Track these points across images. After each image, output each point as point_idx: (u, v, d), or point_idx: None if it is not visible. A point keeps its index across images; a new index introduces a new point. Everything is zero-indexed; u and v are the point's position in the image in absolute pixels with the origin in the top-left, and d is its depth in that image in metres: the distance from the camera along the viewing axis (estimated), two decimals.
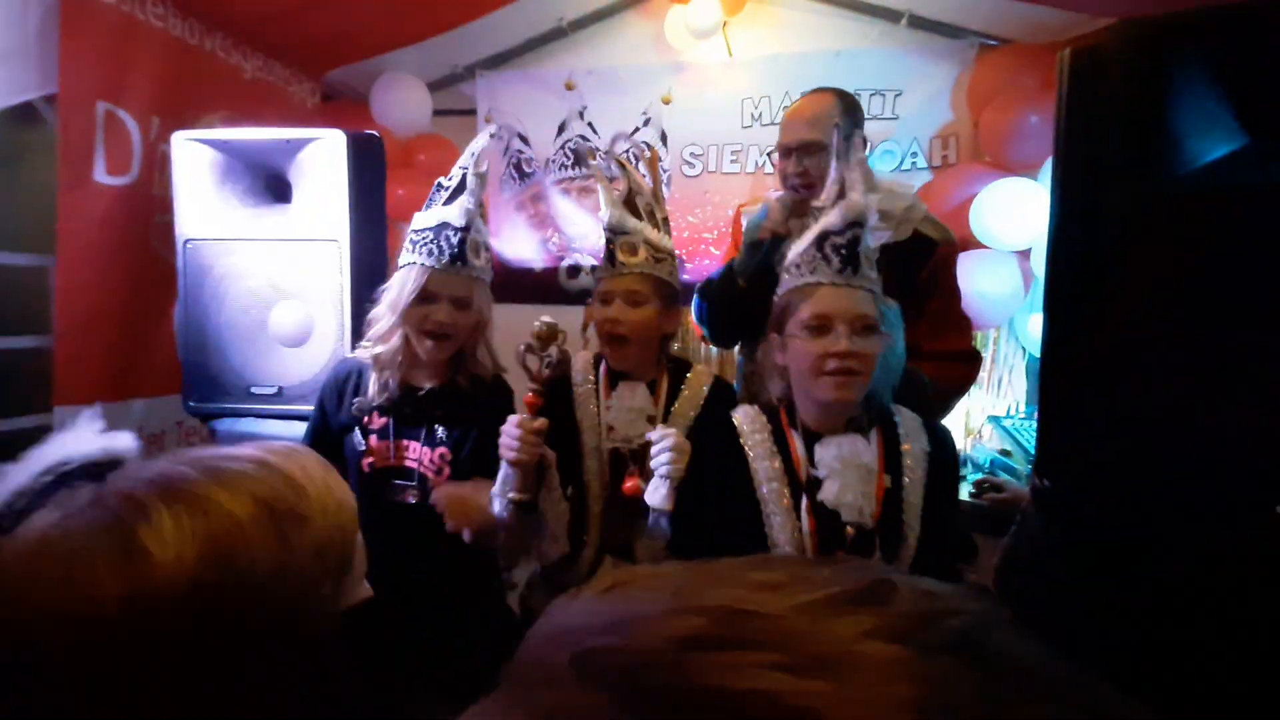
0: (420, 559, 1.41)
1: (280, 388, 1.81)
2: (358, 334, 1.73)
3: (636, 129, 3.03)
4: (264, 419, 1.82)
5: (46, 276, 1.78)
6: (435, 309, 1.39)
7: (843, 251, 1.10)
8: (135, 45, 1.92)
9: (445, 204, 1.43)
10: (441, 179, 1.46)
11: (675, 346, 1.61)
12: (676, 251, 1.54)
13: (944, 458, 1.21)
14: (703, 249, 3.00)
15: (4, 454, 1.60)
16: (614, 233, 1.44)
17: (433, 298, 1.39)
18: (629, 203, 1.50)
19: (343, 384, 1.48)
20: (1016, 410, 2.73)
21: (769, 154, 1.88)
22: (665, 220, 1.52)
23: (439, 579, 1.43)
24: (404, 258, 1.45)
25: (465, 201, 1.43)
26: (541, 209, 3.19)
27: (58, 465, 1.17)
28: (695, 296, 1.82)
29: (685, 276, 3.13)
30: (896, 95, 2.76)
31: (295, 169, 1.82)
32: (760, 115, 2.92)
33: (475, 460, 1.44)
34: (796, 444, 1.17)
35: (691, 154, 3.01)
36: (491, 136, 1.50)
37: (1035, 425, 2.40)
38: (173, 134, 1.80)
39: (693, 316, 1.89)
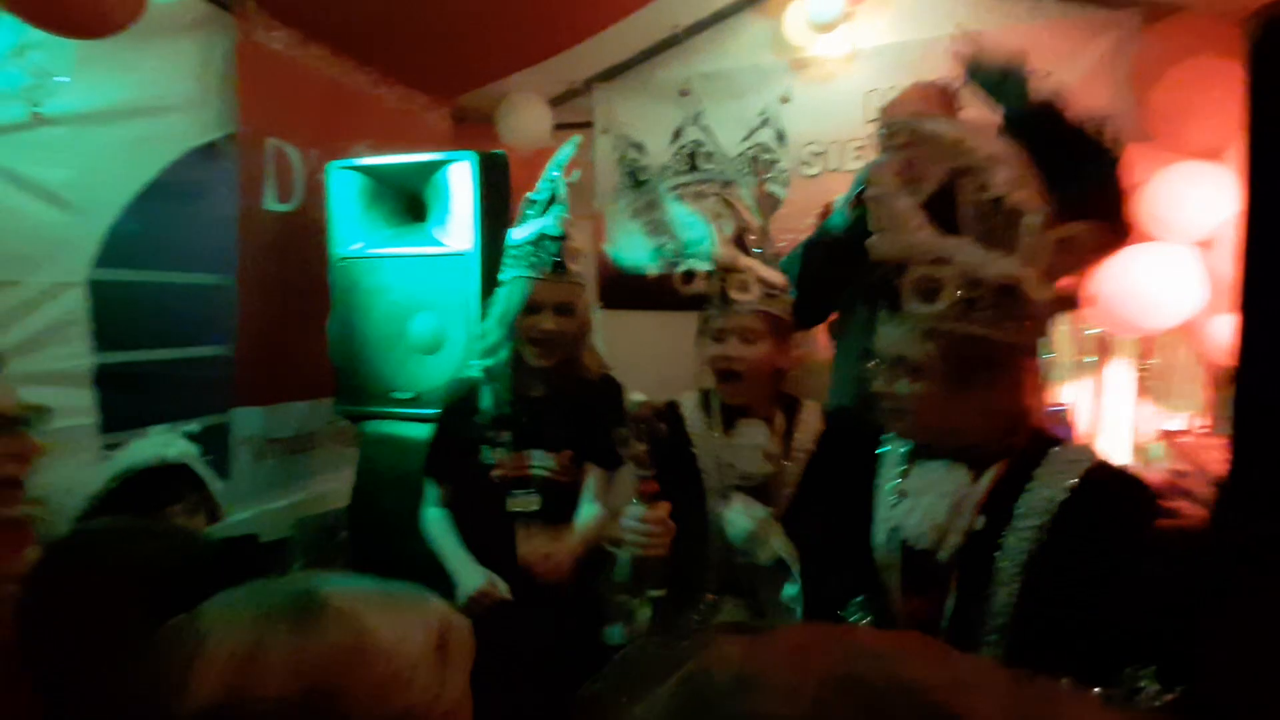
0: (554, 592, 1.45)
1: (418, 393, 1.93)
2: None
3: (753, 130, 2.97)
4: (403, 421, 1.95)
5: (228, 293, 2.01)
6: (541, 318, 1.45)
7: None
8: (298, 86, 2.13)
9: (539, 216, 1.49)
10: (530, 194, 1.54)
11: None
12: (788, 285, 1.50)
13: (1090, 514, 0.90)
14: None
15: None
16: (725, 270, 1.43)
17: (538, 307, 1.45)
18: (739, 240, 1.49)
19: (460, 402, 1.55)
20: (1193, 424, 2.37)
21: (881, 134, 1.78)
22: (776, 256, 1.51)
23: (554, 590, 1.46)
24: (505, 272, 1.52)
25: (560, 211, 1.48)
26: (656, 216, 3.21)
27: (124, 473, 1.30)
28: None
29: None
30: (1044, 76, 2.50)
31: (431, 190, 1.94)
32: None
33: (597, 458, 1.51)
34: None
35: (812, 153, 2.91)
36: (575, 147, 1.61)
37: (1224, 445, 2.09)
38: (327, 164, 1.98)
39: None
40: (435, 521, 1.54)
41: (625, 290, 3.20)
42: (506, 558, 1.45)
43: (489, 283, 1.89)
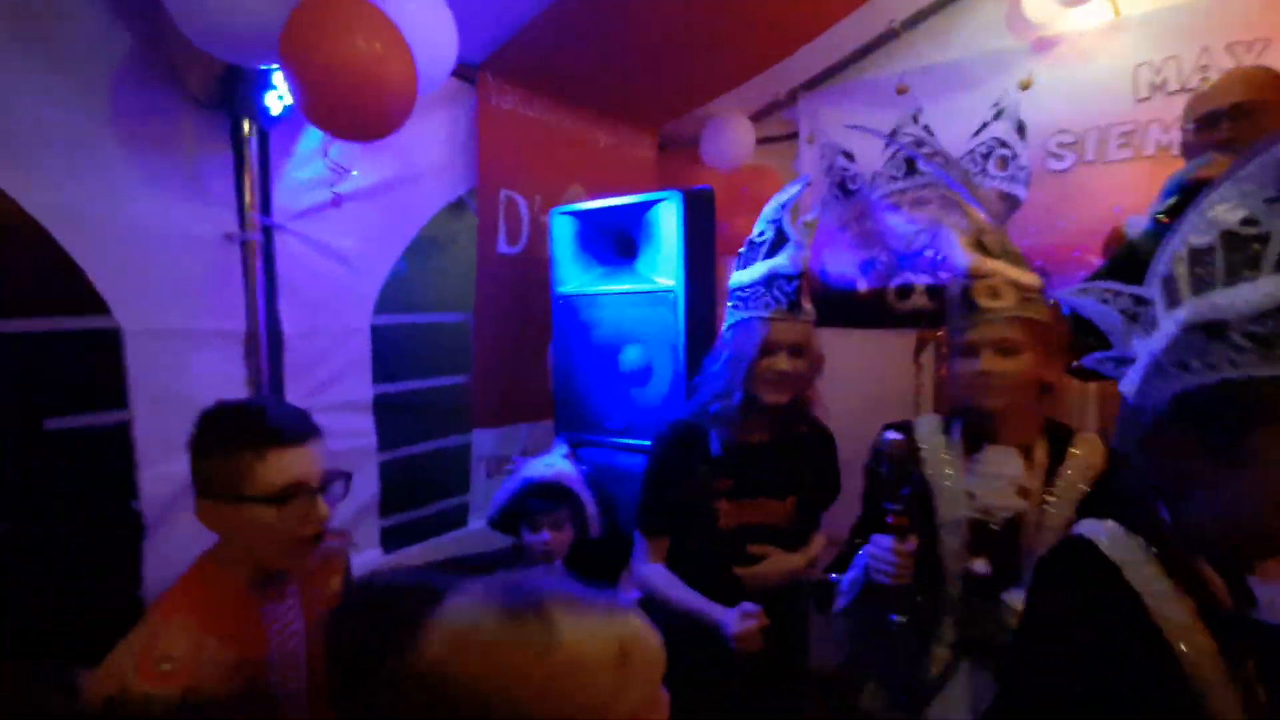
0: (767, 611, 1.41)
1: (627, 424, 2.03)
2: (689, 373, 1.85)
3: (984, 125, 2.64)
4: (614, 450, 2.06)
5: (468, 329, 2.29)
6: (777, 359, 1.42)
7: None
8: (525, 139, 2.36)
9: (767, 257, 1.44)
10: (751, 237, 1.50)
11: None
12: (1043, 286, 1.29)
13: None
14: (1074, 257, 2.45)
15: (440, 465, 2.07)
16: (971, 277, 1.28)
17: (774, 348, 1.42)
18: (978, 243, 1.31)
19: (682, 446, 1.52)
20: None
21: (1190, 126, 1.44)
22: (1020, 256, 1.31)
23: (777, 634, 1.42)
24: (733, 315, 1.49)
25: (793, 251, 1.42)
26: (867, 227, 3.00)
27: (526, 484, 1.55)
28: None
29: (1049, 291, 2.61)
30: None
31: (641, 229, 2.02)
32: (1164, 82, 2.27)
33: (815, 506, 1.49)
34: (1214, 578, 0.81)
35: (1061, 144, 2.49)
36: (804, 185, 1.53)
37: None
38: (548, 210, 2.17)
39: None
40: (658, 575, 1.48)
41: (832, 308, 3.05)
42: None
43: (692, 314, 1.93)
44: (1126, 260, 1.36)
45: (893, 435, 1.23)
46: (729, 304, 1.52)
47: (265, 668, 1.03)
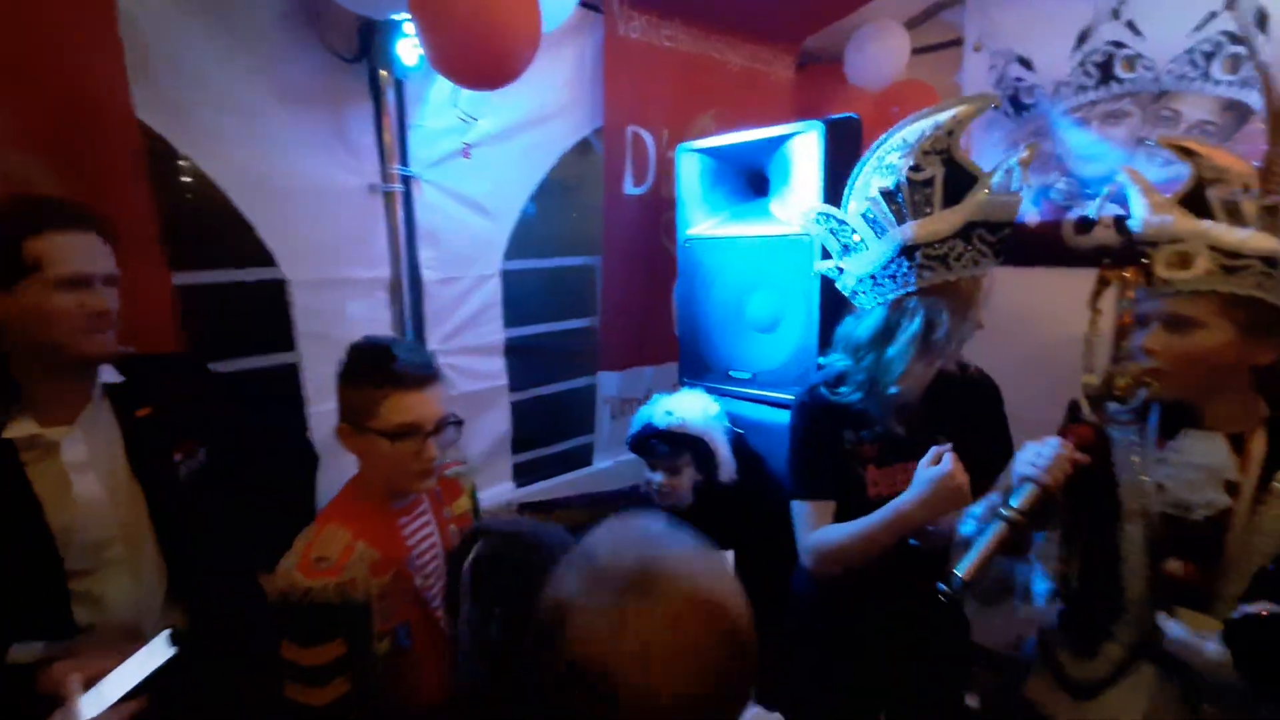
0: (916, 579, 1.31)
1: (754, 374, 1.95)
2: (825, 325, 1.73)
3: (1210, 15, 2.13)
4: (739, 400, 2.00)
5: (594, 272, 2.29)
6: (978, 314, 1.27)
7: None
8: (653, 70, 2.23)
9: (950, 202, 1.20)
10: (898, 179, 1.22)
11: None
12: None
13: None
14: None
15: (567, 408, 2.12)
16: (1152, 244, 1.06)
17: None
18: (1192, 197, 1.06)
19: (827, 415, 1.36)
20: None
21: None
22: (1273, 208, 1.03)
23: (925, 606, 1.33)
24: (921, 279, 1.23)
25: (1002, 184, 1.20)
26: (1043, 149, 2.58)
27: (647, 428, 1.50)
28: None
29: None
30: None
31: (775, 165, 1.86)
32: None
33: (980, 457, 1.25)
34: None
35: None
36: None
37: None
38: (675, 146, 2.06)
39: None
40: (832, 531, 1.32)
41: None
42: (893, 581, 1.33)
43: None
44: None
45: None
46: (903, 268, 1.24)
47: (407, 569, 1.19)
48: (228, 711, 1.20)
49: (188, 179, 1.61)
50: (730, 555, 1.58)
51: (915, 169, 1.21)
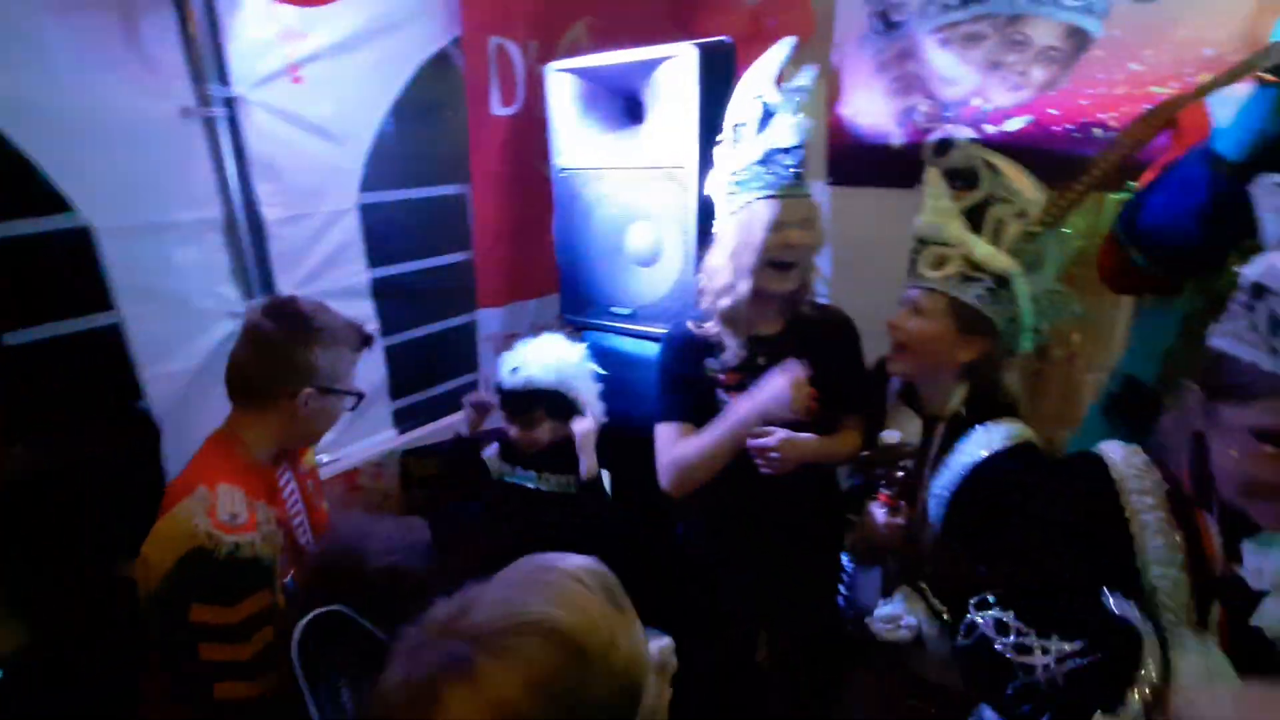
0: (777, 507, 1.45)
1: (635, 309, 1.95)
2: (702, 257, 1.73)
3: None
4: (621, 336, 2.00)
5: (466, 201, 2.14)
6: (786, 234, 1.33)
7: None
8: None
9: (760, 132, 1.33)
10: (736, 120, 1.37)
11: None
12: (1021, 280, 1.20)
13: None
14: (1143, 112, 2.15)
15: (446, 347, 2.10)
16: (921, 242, 1.24)
17: (781, 226, 1.33)
18: (973, 212, 1.22)
19: (690, 347, 1.46)
20: None
21: None
22: (1032, 235, 1.19)
23: (790, 530, 1.47)
24: (732, 201, 1.38)
25: (789, 120, 1.30)
26: (910, 69, 2.64)
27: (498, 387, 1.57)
28: (1119, 219, 1.32)
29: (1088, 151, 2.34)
30: None
31: (650, 90, 1.77)
32: None
33: (835, 392, 1.40)
34: (1211, 530, 0.82)
35: None
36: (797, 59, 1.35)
37: None
38: (545, 66, 1.90)
39: (1114, 235, 1.36)
40: (685, 445, 1.40)
41: (859, 163, 2.78)
42: (751, 504, 1.45)
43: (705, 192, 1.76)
44: (1200, 169, 1.12)
45: (890, 440, 1.29)
46: (725, 192, 1.40)
47: (290, 524, 1.20)
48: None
49: None
50: (606, 475, 1.64)
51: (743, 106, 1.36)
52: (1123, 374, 1.41)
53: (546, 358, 1.67)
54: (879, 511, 1.29)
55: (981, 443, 1.19)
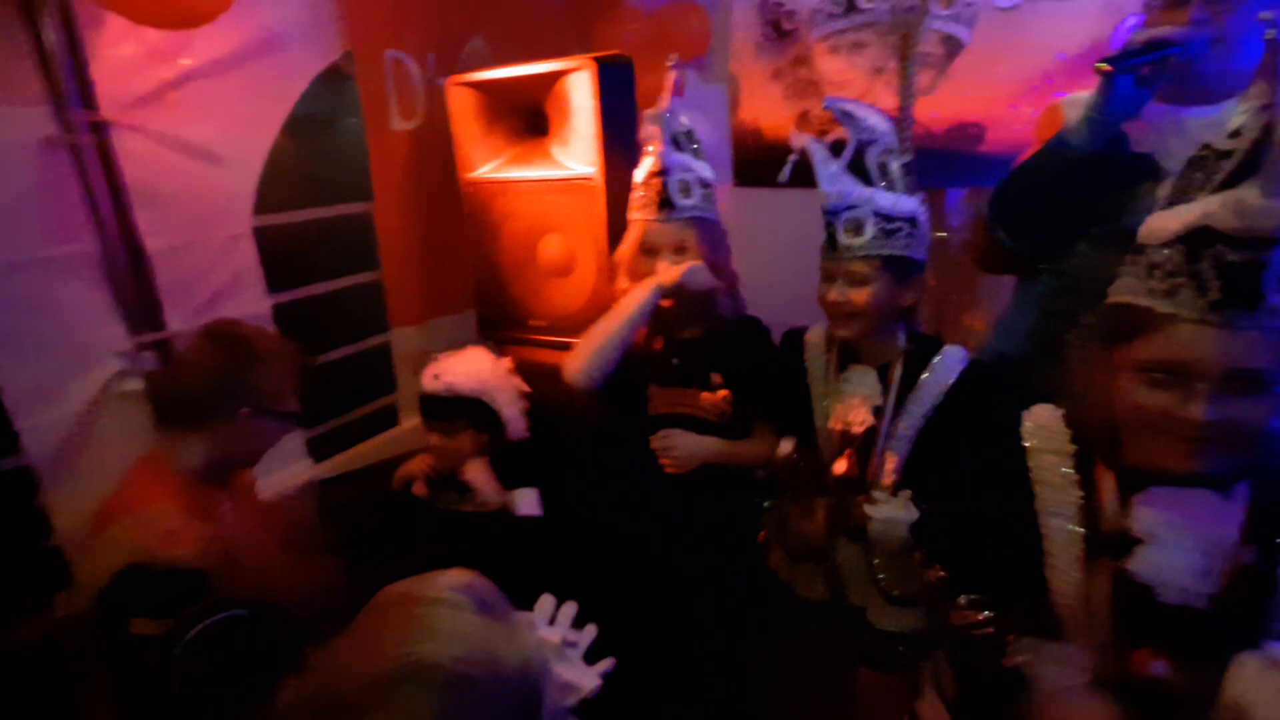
0: (690, 502, 1.50)
1: (552, 321, 1.95)
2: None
3: None
4: (542, 348, 2.00)
5: (370, 220, 2.08)
6: (655, 261, 1.41)
7: (1233, 278, 0.73)
8: None
9: (650, 156, 1.41)
10: (647, 135, 1.43)
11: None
12: (921, 209, 1.28)
13: None
14: (1011, 111, 2.35)
15: (361, 371, 2.04)
16: (833, 214, 1.25)
17: (653, 250, 1.41)
18: (856, 164, 1.27)
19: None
20: None
21: None
22: (908, 165, 1.26)
23: (702, 521, 1.52)
24: (629, 213, 1.48)
25: (658, 146, 1.39)
26: (803, 75, 2.77)
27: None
28: (989, 202, 1.45)
29: (983, 149, 2.53)
30: None
31: (552, 103, 1.79)
32: None
33: (747, 398, 1.48)
34: (1108, 484, 0.91)
35: None
36: (672, 67, 1.42)
37: None
38: (444, 79, 1.88)
39: (983, 219, 1.47)
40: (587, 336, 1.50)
41: (763, 165, 2.90)
42: (660, 494, 1.50)
43: (615, 199, 1.79)
44: (1054, 156, 1.27)
45: (784, 449, 1.35)
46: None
47: (233, 545, 1.18)
48: None
49: None
50: (533, 493, 1.64)
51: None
52: (995, 351, 1.53)
53: (470, 367, 1.67)
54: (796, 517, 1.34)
55: (952, 362, 1.29)
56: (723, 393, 1.48)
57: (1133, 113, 1.18)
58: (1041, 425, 0.97)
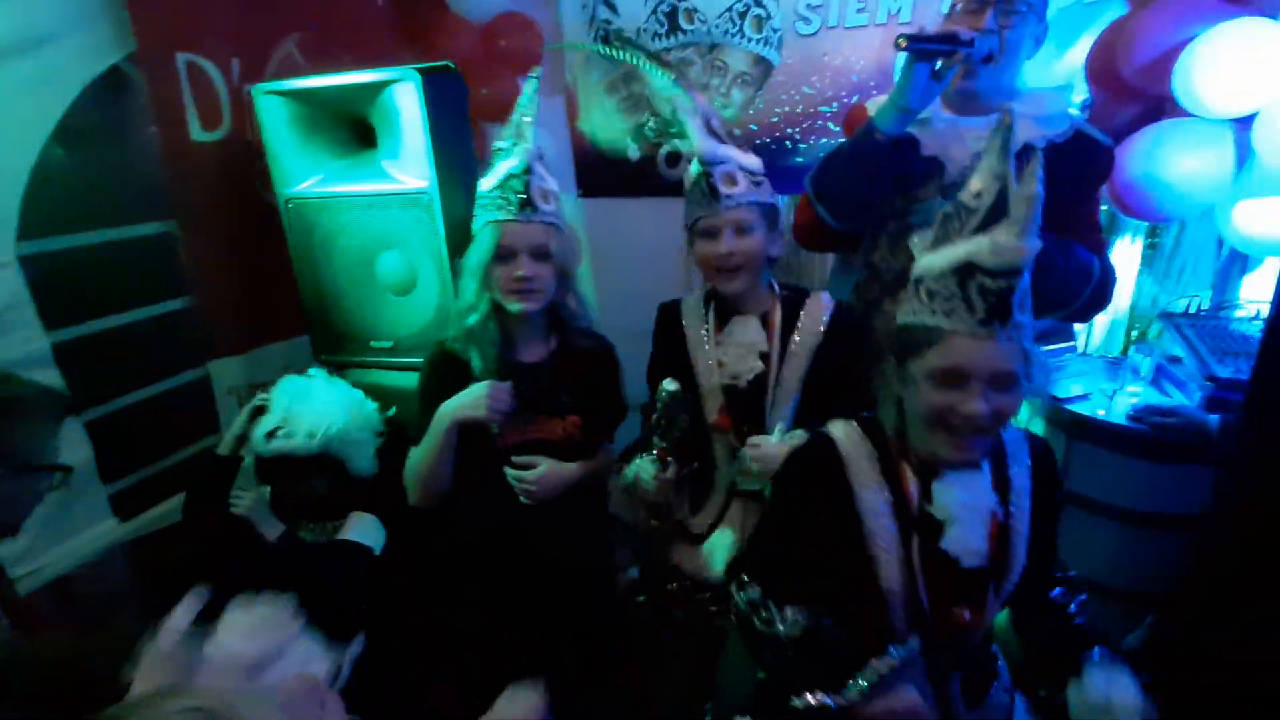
0: (543, 527, 1.47)
1: (395, 341, 1.87)
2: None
3: None
4: (384, 370, 1.90)
5: (174, 241, 1.86)
6: (514, 265, 1.37)
7: (992, 299, 0.91)
8: None
9: (505, 159, 1.39)
10: (499, 142, 1.41)
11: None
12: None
13: (1047, 473, 1.10)
14: (819, 126, 2.62)
15: (175, 410, 1.82)
16: (709, 164, 1.36)
17: (511, 253, 1.37)
18: (710, 129, 1.39)
19: (448, 365, 1.45)
20: (1196, 308, 2.33)
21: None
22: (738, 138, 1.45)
23: (559, 550, 1.49)
24: (475, 222, 1.43)
25: (522, 147, 1.38)
26: (635, 90, 2.88)
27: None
28: (809, 178, 1.61)
29: (799, 159, 2.78)
30: None
31: (377, 114, 1.71)
32: None
33: (594, 419, 1.50)
34: (909, 478, 1.06)
35: (809, 6, 2.53)
36: (534, 78, 1.44)
37: (1223, 328, 2.04)
38: (251, 86, 1.73)
39: (807, 197, 1.63)
40: (411, 456, 1.47)
41: (604, 175, 2.98)
42: (513, 526, 1.46)
43: (453, 218, 1.74)
44: (865, 140, 1.45)
45: (670, 387, 1.34)
46: (475, 211, 1.43)
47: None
48: None
49: None
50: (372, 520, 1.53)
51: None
52: None
53: (310, 416, 1.48)
54: (649, 468, 1.36)
55: (824, 303, 1.44)
56: (572, 418, 1.47)
57: (927, 100, 1.38)
58: (849, 438, 1.09)
